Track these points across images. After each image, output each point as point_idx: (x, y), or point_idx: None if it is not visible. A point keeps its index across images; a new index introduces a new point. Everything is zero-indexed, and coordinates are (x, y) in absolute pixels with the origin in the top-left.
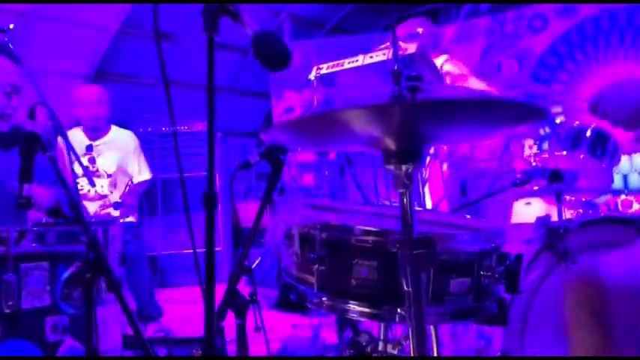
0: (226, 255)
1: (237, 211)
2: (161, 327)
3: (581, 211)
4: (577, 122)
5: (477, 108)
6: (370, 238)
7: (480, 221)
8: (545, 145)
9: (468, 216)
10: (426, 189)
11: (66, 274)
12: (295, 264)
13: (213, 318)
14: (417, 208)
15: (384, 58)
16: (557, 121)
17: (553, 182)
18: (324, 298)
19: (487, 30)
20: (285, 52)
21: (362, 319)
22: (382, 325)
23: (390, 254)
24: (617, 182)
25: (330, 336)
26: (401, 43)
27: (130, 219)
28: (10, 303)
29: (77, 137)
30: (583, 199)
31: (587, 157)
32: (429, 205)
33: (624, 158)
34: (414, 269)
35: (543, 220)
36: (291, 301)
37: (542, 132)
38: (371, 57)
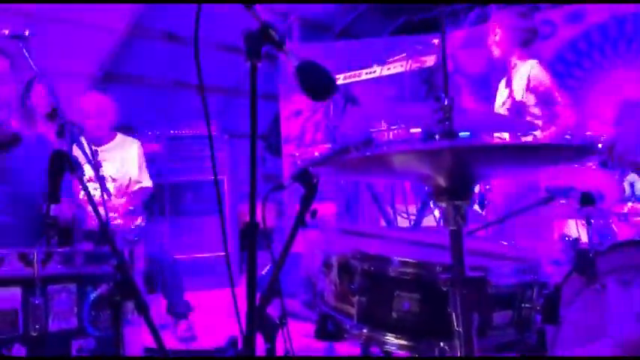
0: (234, 257)
1: (263, 214)
2: (190, 327)
3: (592, 221)
4: (588, 133)
5: (528, 151)
6: (412, 270)
7: (517, 249)
8: None
9: (504, 242)
10: None
11: (93, 296)
12: (333, 293)
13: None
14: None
15: (401, 69)
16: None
17: (584, 205)
18: (364, 330)
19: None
20: (330, 83)
21: (400, 352)
22: None
23: (433, 287)
24: (625, 190)
25: (342, 347)
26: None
27: (140, 222)
28: (38, 326)
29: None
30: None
31: (598, 168)
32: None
33: None
34: (465, 309)
35: (572, 243)
36: (329, 331)
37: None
38: (388, 68)
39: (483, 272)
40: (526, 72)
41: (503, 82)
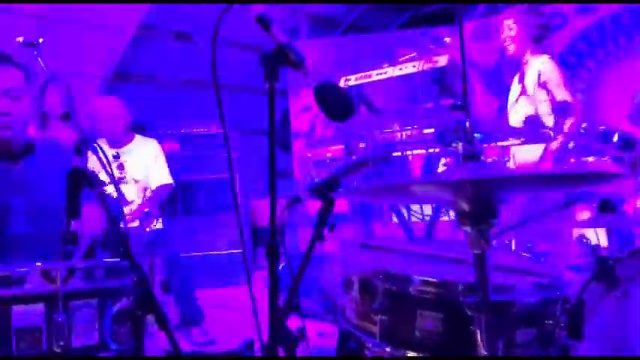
0: (246, 254)
1: (284, 217)
2: (205, 332)
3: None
4: (603, 127)
5: (550, 180)
6: (434, 290)
7: (539, 264)
8: (571, 144)
9: (526, 254)
10: None
11: (114, 310)
12: (355, 311)
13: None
14: None
15: (413, 70)
16: (583, 125)
17: (603, 212)
18: (386, 349)
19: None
20: (349, 103)
21: None
22: None
23: (456, 306)
24: None
25: None
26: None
27: (159, 225)
28: (61, 342)
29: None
30: None
31: (613, 162)
32: None
33: None
34: (490, 333)
35: (592, 250)
36: (350, 349)
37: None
38: (400, 69)
39: (507, 292)
40: (537, 68)
41: (516, 79)
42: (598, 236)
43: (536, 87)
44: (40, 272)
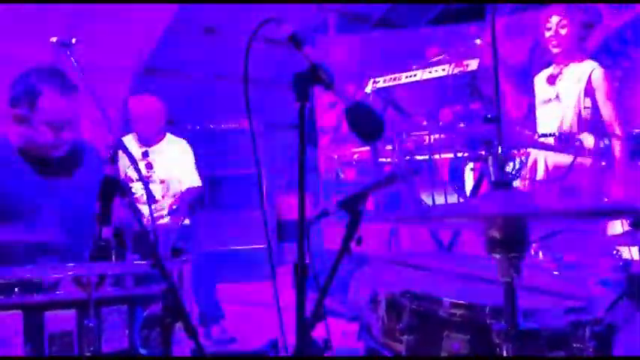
0: (272, 249)
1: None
2: (224, 330)
3: None
4: (637, 130)
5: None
6: (462, 312)
7: (567, 282)
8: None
9: (556, 272)
10: None
11: (144, 316)
12: (381, 329)
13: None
14: None
15: (443, 73)
16: None
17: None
18: None
19: (535, 25)
20: (379, 125)
21: None
22: None
23: (483, 329)
24: None
25: None
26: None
27: (186, 222)
28: (92, 347)
29: (131, 144)
30: None
31: None
32: None
33: None
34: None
35: (624, 266)
36: None
37: (601, 145)
38: (429, 72)
39: (535, 317)
40: (585, 74)
41: (543, 77)
42: (630, 249)
43: (583, 94)
44: (72, 279)
